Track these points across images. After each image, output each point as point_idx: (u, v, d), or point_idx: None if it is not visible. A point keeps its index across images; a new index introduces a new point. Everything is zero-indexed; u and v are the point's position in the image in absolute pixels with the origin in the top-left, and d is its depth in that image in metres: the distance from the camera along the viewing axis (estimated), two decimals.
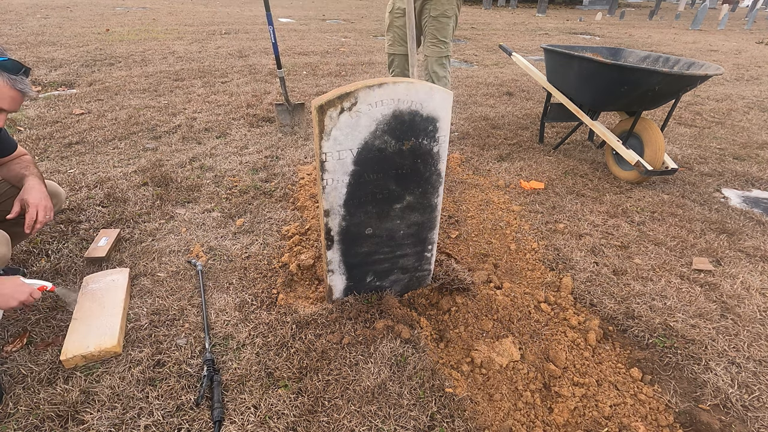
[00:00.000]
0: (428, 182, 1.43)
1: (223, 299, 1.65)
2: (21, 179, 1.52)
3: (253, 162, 2.83)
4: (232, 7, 13.03)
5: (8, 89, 1.30)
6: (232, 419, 1.20)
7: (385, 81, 1.20)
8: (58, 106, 3.63)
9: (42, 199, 1.47)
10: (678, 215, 2.44)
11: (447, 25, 2.86)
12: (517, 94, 4.88)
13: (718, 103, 4.89)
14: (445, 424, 1.23)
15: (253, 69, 5.32)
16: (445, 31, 2.88)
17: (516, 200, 2.55)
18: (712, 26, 14.93)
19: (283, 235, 2.08)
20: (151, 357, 1.38)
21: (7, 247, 1.47)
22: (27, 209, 1.44)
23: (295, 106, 3.38)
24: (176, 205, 2.30)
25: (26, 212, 1.44)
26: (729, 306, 1.75)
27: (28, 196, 1.46)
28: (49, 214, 1.49)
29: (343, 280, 1.56)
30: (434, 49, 2.96)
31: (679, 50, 8.76)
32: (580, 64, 2.75)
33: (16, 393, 1.25)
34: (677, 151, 3.41)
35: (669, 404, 1.36)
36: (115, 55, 5.54)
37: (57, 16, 8.76)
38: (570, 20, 14.78)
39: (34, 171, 1.57)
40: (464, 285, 1.69)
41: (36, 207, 1.45)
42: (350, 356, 1.40)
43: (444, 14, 2.82)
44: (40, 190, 1.49)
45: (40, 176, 1.58)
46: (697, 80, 2.44)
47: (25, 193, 1.47)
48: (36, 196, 1.47)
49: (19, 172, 1.55)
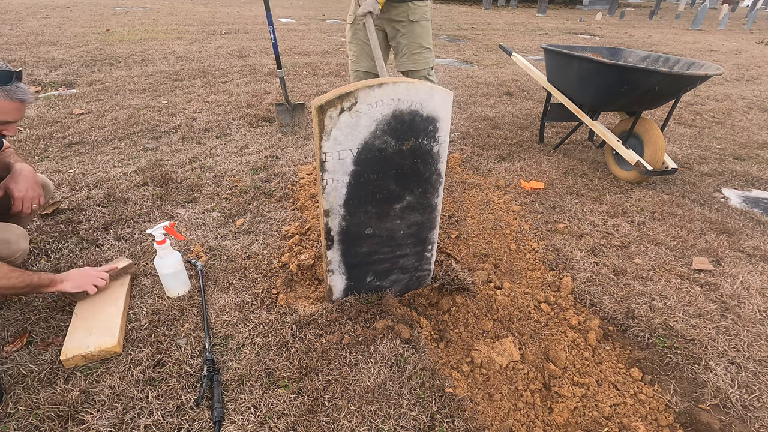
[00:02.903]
0: (428, 182, 1.43)
1: (223, 299, 1.65)
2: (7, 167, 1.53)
3: (253, 162, 2.83)
4: (232, 7, 13.03)
5: (8, 102, 1.30)
6: (232, 419, 1.20)
7: (385, 81, 1.20)
8: (58, 106, 3.63)
9: (28, 189, 1.49)
10: (678, 215, 2.44)
11: (429, 29, 2.50)
12: (517, 94, 4.88)
13: (718, 103, 4.89)
14: (445, 424, 1.23)
15: (253, 69, 5.32)
16: (429, 36, 2.51)
17: (516, 200, 2.55)
18: (712, 26, 14.93)
19: (283, 235, 2.08)
20: (151, 357, 1.38)
21: (26, 241, 1.51)
22: (12, 201, 1.45)
23: (295, 106, 3.38)
24: (176, 205, 2.30)
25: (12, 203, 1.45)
26: (729, 306, 1.75)
27: (14, 186, 1.47)
28: (36, 204, 1.52)
29: (343, 280, 1.56)
30: (420, 60, 2.52)
31: (679, 50, 8.76)
32: (580, 64, 2.75)
33: (16, 393, 1.25)
34: (677, 151, 3.41)
35: (669, 404, 1.36)
36: (115, 55, 5.54)
37: (57, 16, 8.76)
38: (570, 20, 14.78)
39: (20, 158, 1.59)
40: (464, 285, 1.69)
41: (21, 200, 1.46)
42: (350, 356, 1.40)
43: (424, 17, 2.45)
44: (27, 177, 1.50)
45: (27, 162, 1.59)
46: (697, 80, 2.44)
47: (11, 180, 1.48)
48: (22, 185, 1.48)
49: (4, 161, 1.56)
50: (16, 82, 1.32)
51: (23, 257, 1.53)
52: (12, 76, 1.30)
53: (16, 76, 1.32)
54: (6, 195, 1.47)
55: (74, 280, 1.49)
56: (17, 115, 1.37)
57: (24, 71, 4.56)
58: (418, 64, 2.51)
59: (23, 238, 1.50)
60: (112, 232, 2.03)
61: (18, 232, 1.49)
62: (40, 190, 1.53)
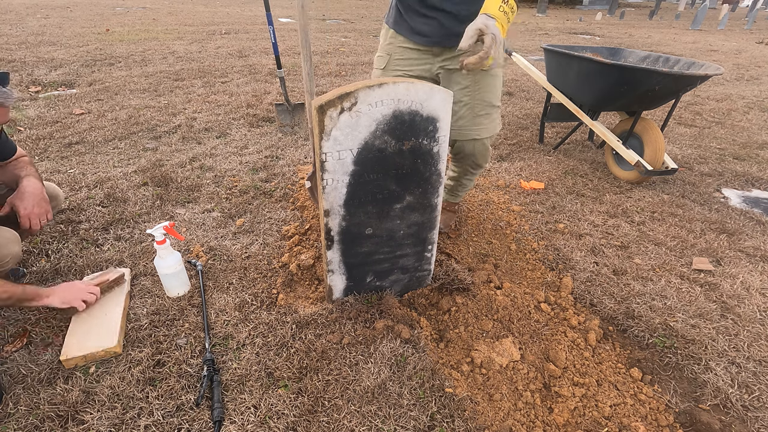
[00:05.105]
0: (428, 182, 1.43)
1: (223, 299, 1.65)
2: (17, 180, 1.51)
3: (253, 162, 2.83)
4: (232, 7, 13.03)
5: None
6: (232, 419, 1.20)
7: (385, 81, 1.20)
8: (58, 106, 3.63)
9: (34, 207, 1.45)
10: (678, 215, 2.44)
11: (501, 79, 1.70)
12: (517, 94, 4.88)
13: (718, 103, 4.89)
14: (445, 424, 1.23)
15: (253, 69, 5.32)
16: (499, 91, 1.70)
17: (516, 200, 2.55)
18: (712, 26, 14.92)
19: (283, 235, 2.08)
20: (151, 357, 1.38)
21: (18, 245, 1.48)
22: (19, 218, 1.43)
23: (295, 106, 3.38)
24: (176, 205, 2.30)
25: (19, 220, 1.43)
26: (729, 306, 1.75)
27: (19, 203, 1.44)
28: (44, 220, 1.49)
29: (343, 280, 1.56)
30: (486, 125, 1.69)
31: (679, 50, 8.76)
32: (580, 64, 2.75)
33: (16, 393, 1.25)
34: (677, 151, 3.41)
35: (669, 404, 1.36)
36: (115, 55, 5.54)
37: (57, 16, 8.76)
38: (570, 20, 14.78)
39: (31, 171, 1.56)
40: (464, 285, 1.69)
41: (28, 217, 1.43)
42: (350, 356, 1.40)
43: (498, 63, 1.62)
44: (33, 194, 1.47)
45: (38, 176, 1.56)
46: (697, 80, 2.44)
47: (17, 197, 1.45)
48: (29, 202, 1.44)
49: (15, 173, 1.53)
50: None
51: (14, 262, 1.48)
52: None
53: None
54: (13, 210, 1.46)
55: (61, 295, 1.41)
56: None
57: (24, 72, 4.56)
58: (483, 130, 1.69)
59: (14, 243, 1.45)
60: (112, 232, 2.03)
61: (9, 236, 1.44)
62: (47, 206, 1.49)
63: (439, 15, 1.51)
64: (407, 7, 1.58)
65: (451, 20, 1.51)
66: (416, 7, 1.55)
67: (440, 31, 1.54)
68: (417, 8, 1.54)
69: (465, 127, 1.69)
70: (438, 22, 1.53)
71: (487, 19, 1.28)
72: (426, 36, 1.57)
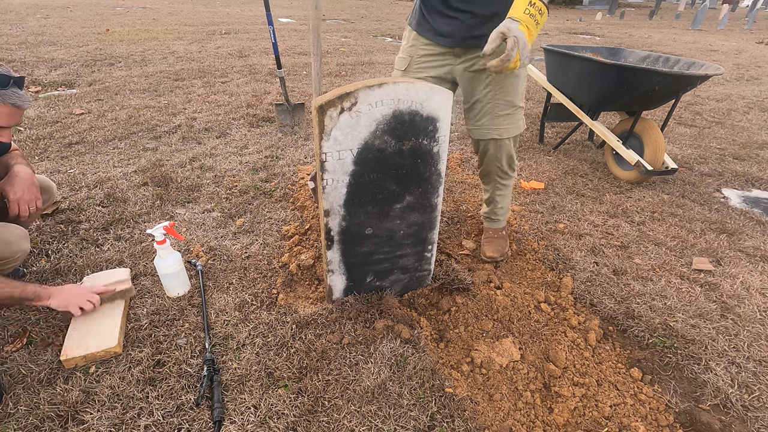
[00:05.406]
0: (428, 182, 1.43)
1: (223, 299, 1.65)
2: (7, 168, 1.52)
3: (253, 162, 2.83)
4: (232, 7, 13.03)
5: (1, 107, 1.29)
6: (232, 419, 1.20)
7: (385, 81, 1.20)
8: (58, 106, 3.63)
9: (24, 192, 1.46)
10: (678, 215, 2.44)
11: (524, 79, 1.69)
12: None
13: (718, 103, 4.89)
14: (445, 424, 1.23)
15: (253, 69, 5.32)
16: (522, 90, 1.70)
17: (516, 200, 2.55)
18: (712, 26, 14.92)
19: (283, 235, 2.08)
20: (151, 357, 1.38)
21: (27, 242, 1.50)
22: (8, 204, 1.44)
23: (295, 106, 3.38)
24: (176, 205, 2.30)
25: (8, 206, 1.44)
26: (729, 306, 1.75)
27: (9, 188, 1.44)
28: (33, 207, 1.49)
29: (343, 280, 1.57)
30: (507, 126, 1.69)
31: (679, 50, 8.76)
32: (580, 64, 2.75)
33: (16, 393, 1.25)
34: (677, 151, 3.41)
35: (669, 404, 1.36)
36: (115, 55, 5.54)
37: (57, 16, 8.76)
38: (570, 20, 14.78)
39: (22, 161, 1.57)
40: (464, 285, 1.69)
41: (17, 202, 1.44)
42: (350, 356, 1.40)
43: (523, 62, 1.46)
44: (24, 179, 1.47)
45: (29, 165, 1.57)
46: (697, 80, 2.44)
47: (7, 182, 1.46)
48: (18, 187, 1.45)
49: (6, 162, 1.54)
50: (13, 87, 1.30)
51: (23, 258, 1.52)
52: (10, 80, 1.28)
53: (14, 81, 1.30)
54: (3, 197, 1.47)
55: (59, 297, 1.40)
56: (11, 120, 1.33)
57: (24, 72, 4.56)
58: (504, 130, 1.69)
59: (24, 239, 1.49)
60: (112, 232, 2.03)
61: (19, 233, 1.48)
62: (37, 192, 1.50)
63: (461, 15, 1.53)
64: (430, 8, 1.59)
65: (474, 20, 1.52)
66: (439, 8, 1.56)
67: (462, 32, 1.55)
68: (440, 9, 1.56)
69: (485, 126, 1.70)
70: (460, 22, 1.54)
71: (511, 22, 1.28)
72: (448, 36, 1.58)
